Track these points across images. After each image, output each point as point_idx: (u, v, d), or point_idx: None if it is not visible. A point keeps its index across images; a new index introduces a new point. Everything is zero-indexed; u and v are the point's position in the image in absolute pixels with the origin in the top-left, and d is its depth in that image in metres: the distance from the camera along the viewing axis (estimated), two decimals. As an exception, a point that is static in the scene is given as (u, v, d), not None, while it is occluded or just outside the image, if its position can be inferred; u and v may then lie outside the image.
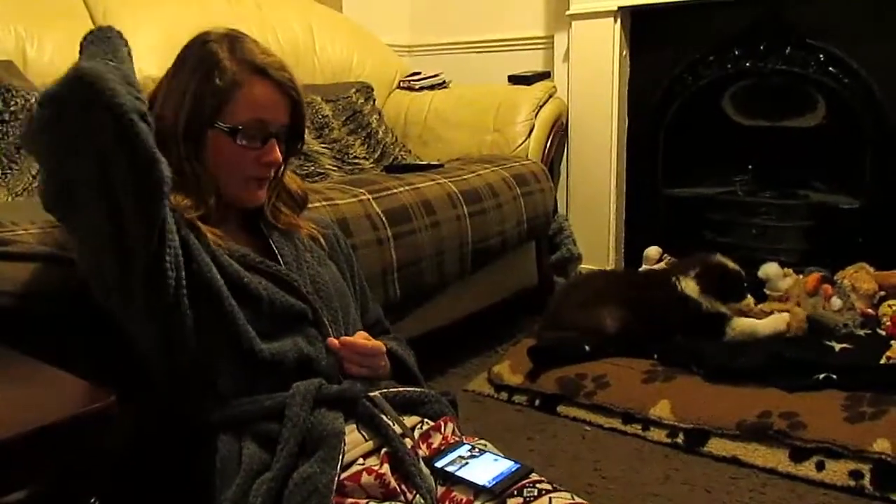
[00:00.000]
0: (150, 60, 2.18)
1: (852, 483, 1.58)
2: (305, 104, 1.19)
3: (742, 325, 2.17)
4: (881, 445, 1.60)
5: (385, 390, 1.14)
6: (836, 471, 1.61)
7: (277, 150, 1.15)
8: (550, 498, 0.99)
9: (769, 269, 2.38)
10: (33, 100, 1.83)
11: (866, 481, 1.57)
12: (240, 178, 1.15)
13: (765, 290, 2.33)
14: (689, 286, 2.18)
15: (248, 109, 1.11)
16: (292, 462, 0.99)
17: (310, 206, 1.69)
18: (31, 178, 1.75)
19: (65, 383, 0.88)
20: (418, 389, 1.19)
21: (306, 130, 2.41)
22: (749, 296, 2.22)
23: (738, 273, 2.22)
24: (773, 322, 2.17)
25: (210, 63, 1.11)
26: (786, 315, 2.18)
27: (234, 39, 1.13)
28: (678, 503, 1.57)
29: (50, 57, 2.09)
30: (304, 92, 1.18)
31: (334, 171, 2.47)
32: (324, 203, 1.79)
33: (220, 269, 1.06)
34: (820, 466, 1.63)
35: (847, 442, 1.63)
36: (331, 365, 1.13)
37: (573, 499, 1.00)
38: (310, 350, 1.12)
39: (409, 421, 1.13)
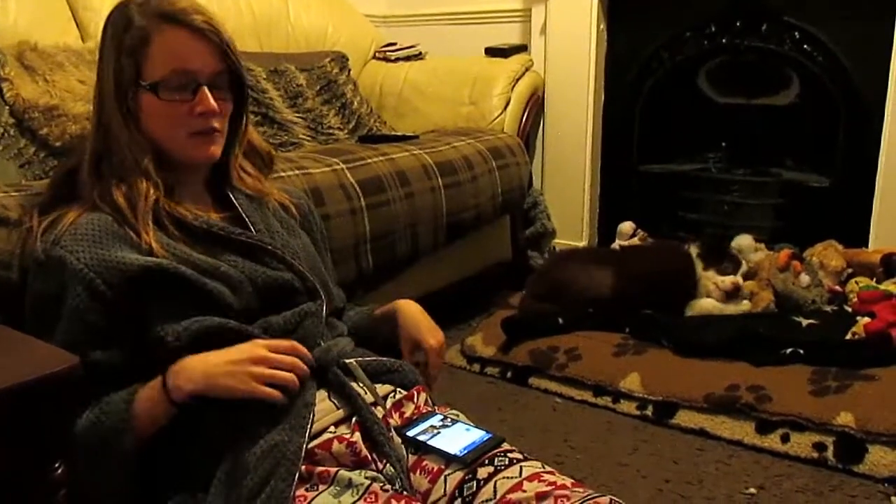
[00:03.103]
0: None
1: (816, 455, 1.61)
2: (233, 45, 1.10)
3: (701, 307, 2.20)
4: (845, 419, 1.63)
5: (360, 358, 1.14)
6: (801, 443, 1.64)
7: (210, 98, 1.07)
8: (521, 467, 0.99)
9: (742, 241, 2.40)
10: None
11: (829, 453, 1.60)
12: (182, 136, 1.09)
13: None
14: (694, 251, 2.27)
15: (166, 61, 1.06)
16: (257, 432, 0.99)
17: (282, 174, 1.68)
18: (-6, 142, 1.71)
19: (28, 346, 0.86)
20: (391, 358, 1.19)
21: (281, 100, 2.44)
22: (740, 276, 2.23)
23: (733, 251, 2.28)
24: (732, 309, 2.19)
25: (122, 25, 1.08)
26: (746, 304, 2.21)
27: None
28: (646, 473, 1.60)
29: (14, 18, 2.02)
30: (230, 39, 1.10)
31: (308, 140, 2.44)
32: (297, 172, 1.77)
33: (190, 267, 1.04)
34: (785, 439, 1.66)
35: (812, 415, 1.66)
36: (314, 326, 1.12)
37: (543, 467, 1.00)
38: (291, 313, 1.11)
39: (382, 389, 1.12)
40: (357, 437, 1.01)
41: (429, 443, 1.04)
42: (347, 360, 1.10)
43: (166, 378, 0.98)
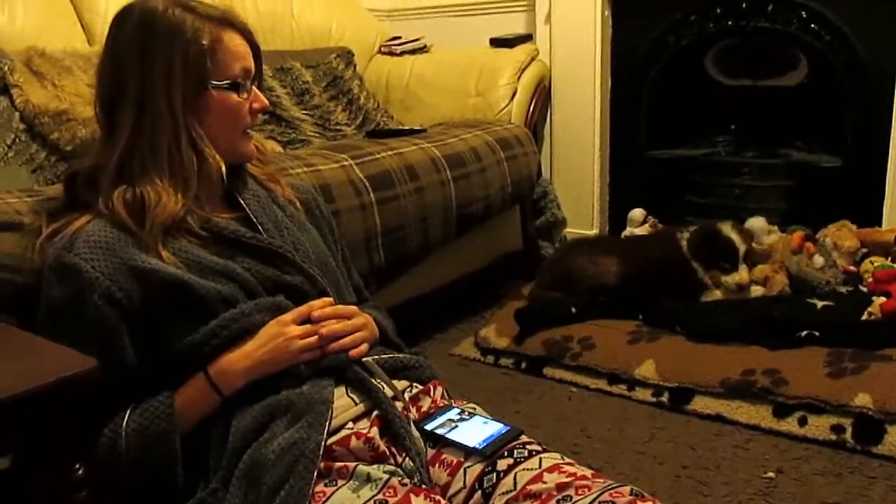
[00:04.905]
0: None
1: (834, 437, 1.61)
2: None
3: (714, 297, 2.19)
4: (862, 400, 1.62)
5: (376, 356, 1.14)
6: (819, 425, 1.64)
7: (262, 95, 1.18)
8: (540, 458, 1.00)
9: (755, 224, 2.37)
10: (6, 67, 1.79)
11: (848, 435, 1.60)
12: (240, 132, 1.17)
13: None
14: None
15: (234, 61, 1.13)
16: (276, 429, 1.00)
17: (291, 172, 1.69)
18: (5, 149, 1.72)
19: (45, 350, 0.87)
20: (407, 355, 1.19)
21: (287, 97, 2.44)
22: (743, 269, 2.16)
23: (731, 242, 2.15)
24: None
25: (179, 28, 1.08)
26: (760, 289, 2.19)
27: (173, 1, 1.11)
28: (663, 461, 1.59)
29: (21, 24, 2.03)
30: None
31: (316, 137, 2.44)
32: (306, 169, 1.77)
33: (203, 269, 1.06)
34: (802, 422, 1.65)
35: (829, 397, 1.65)
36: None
37: (563, 458, 1.00)
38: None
39: (399, 385, 1.13)
40: (375, 432, 1.01)
41: (447, 436, 1.04)
42: (364, 358, 1.11)
43: (211, 378, 1.04)
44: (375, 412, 1.05)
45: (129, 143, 1.08)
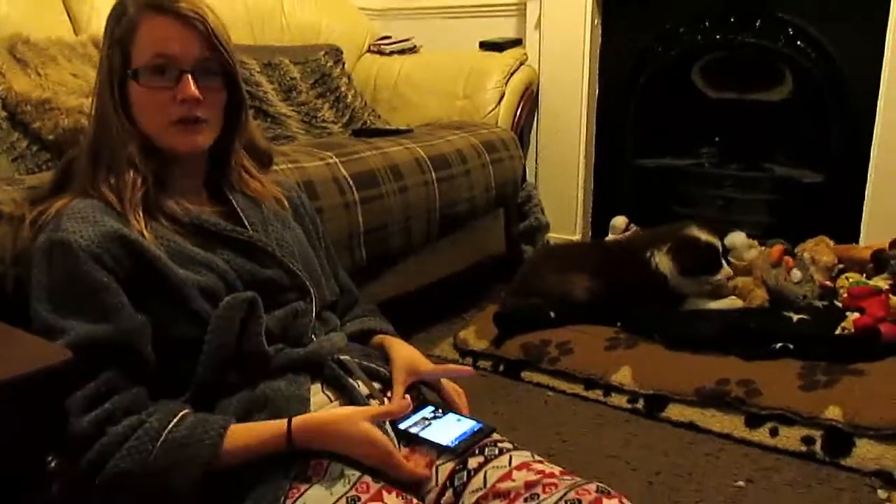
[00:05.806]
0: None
1: (804, 448, 1.63)
2: (223, 33, 1.10)
3: (695, 307, 2.20)
4: (833, 412, 1.64)
5: (358, 360, 1.14)
6: (789, 437, 1.66)
7: (192, 85, 1.05)
8: (511, 456, 1.00)
9: (735, 239, 2.38)
10: None
11: (817, 447, 1.62)
12: (164, 124, 1.08)
13: (729, 258, 2.35)
14: (663, 261, 2.16)
15: (148, 48, 1.06)
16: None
17: (275, 168, 1.67)
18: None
19: (19, 341, 0.86)
20: (383, 363, 1.19)
21: (274, 93, 2.43)
22: (725, 266, 2.18)
23: (712, 246, 2.16)
24: (725, 305, 2.20)
25: (116, 16, 1.09)
26: (738, 301, 2.21)
27: None
28: (636, 466, 1.61)
29: (6, 11, 2.02)
30: (219, 24, 1.10)
31: (302, 134, 2.44)
32: (290, 166, 1.78)
33: (184, 258, 1.05)
34: (774, 432, 1.67)
35: (800, 409, 1.67)
36: (304, 325, 1.13)
37: (533, 457, 1.01)
38: (283, 313, 1.11)
39: (376, 385, 1.13)
40: (349, 430, 1.02)
41: (420, 434, 1.05)
42: (343, 357, 1.11)
43: (294, 433, 0.96)
44: (351, 409, 1.04)
45: (95, 128, 1.10)
